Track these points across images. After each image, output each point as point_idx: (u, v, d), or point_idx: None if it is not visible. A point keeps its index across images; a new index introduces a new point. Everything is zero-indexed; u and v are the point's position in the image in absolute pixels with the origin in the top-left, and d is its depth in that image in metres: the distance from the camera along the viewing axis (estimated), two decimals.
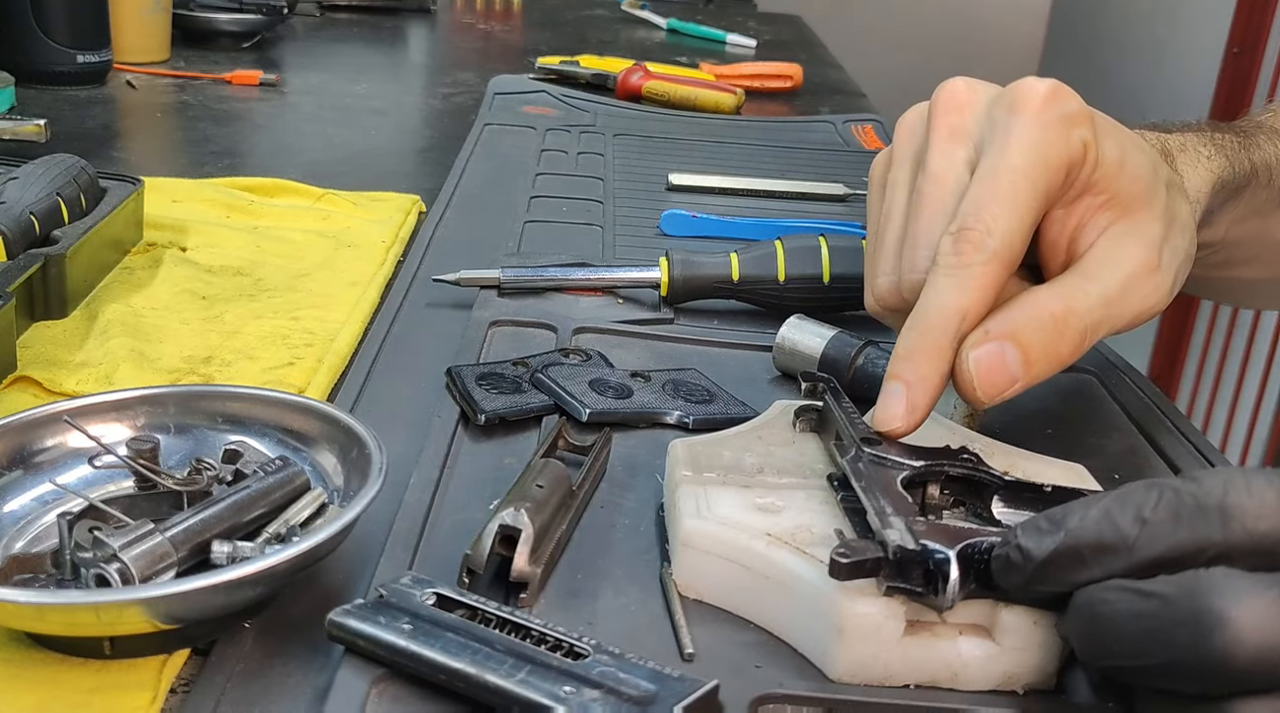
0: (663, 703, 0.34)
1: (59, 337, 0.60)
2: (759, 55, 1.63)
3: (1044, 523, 0.35)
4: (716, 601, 0.41)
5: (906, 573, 0.37)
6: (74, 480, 0.44)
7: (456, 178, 0.91)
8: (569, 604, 0.41)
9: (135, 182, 0.73)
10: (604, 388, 0.55)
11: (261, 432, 0.47)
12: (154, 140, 1.07)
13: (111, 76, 1.18)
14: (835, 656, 0.38)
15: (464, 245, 0.76)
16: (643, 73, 1.28)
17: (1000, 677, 0.38)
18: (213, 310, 0.64)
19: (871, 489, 0.40)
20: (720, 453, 0.46)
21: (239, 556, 0.40)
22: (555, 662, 0.35)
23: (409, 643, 0.36)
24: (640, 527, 0.46)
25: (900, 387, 0.45)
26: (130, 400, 0.47)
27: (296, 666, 0.38)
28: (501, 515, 0.41)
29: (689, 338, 0.65)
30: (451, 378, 0.55)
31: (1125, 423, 0.59)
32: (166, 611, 0.36)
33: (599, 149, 1.04)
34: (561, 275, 0.69)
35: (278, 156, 1.00)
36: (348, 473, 0.44)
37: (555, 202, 0.88)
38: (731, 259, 0.68)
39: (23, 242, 0.62)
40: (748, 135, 1.14)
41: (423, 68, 1.57)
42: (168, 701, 0.37)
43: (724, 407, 0.56)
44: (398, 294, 0.68)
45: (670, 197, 0.91)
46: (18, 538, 0.41)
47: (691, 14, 1.91)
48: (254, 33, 1.41)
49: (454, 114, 1.20)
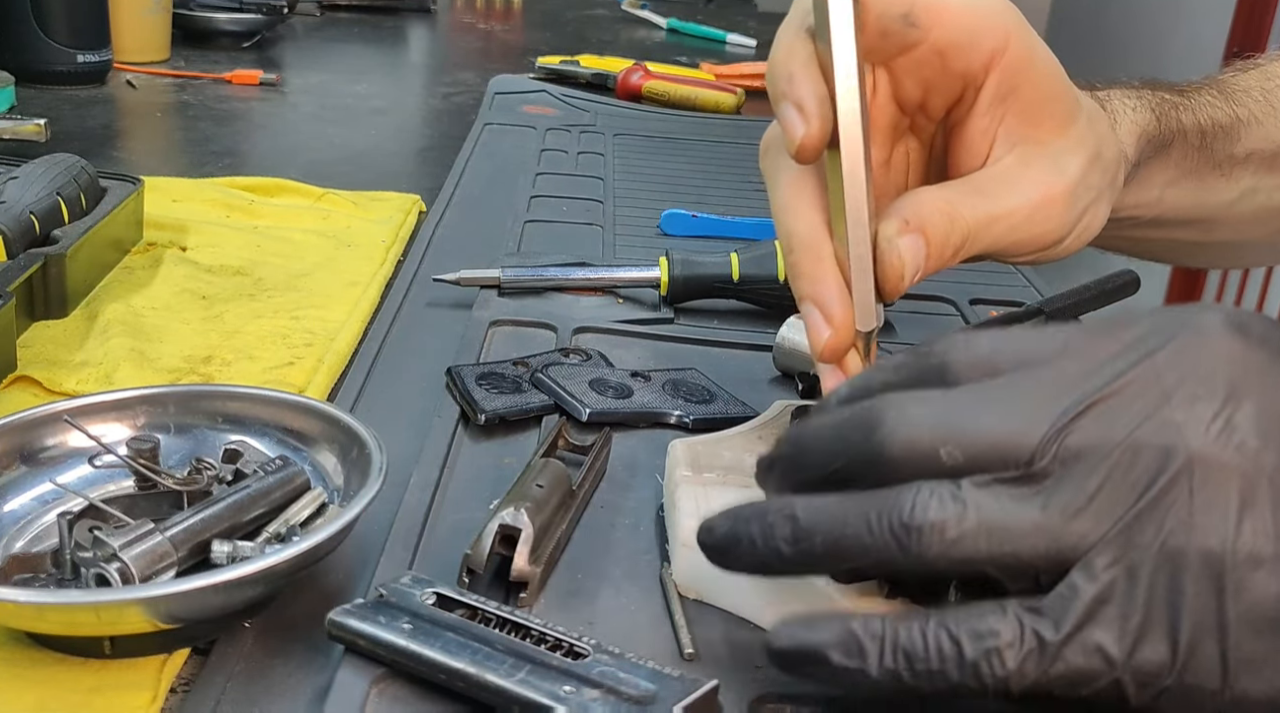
0: (663, 703, 0.34)
1: (59, 336, 0.60)
2: (759, 55, 1.63)
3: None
4: (716, 601, 0.41)
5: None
6: (74, 480, 0.44)
7: (456, 178, 0.91)
8: (569, 604, 0.41)
9: (135, 181, 0.73)
10: (604, 388, 0.55)
11: (261, 431, 0.47)
12: (154, 140, 1.07)
13: (111, 76, 1.18)
14: None
15: (464, 245, 0.76)
16: (643, 73, 1.28)
17: None
18: (213, 310, 0.64)
19: None
20: (720, 453, 0.46)
21: (239, 555, 0.40)
22: (555, 662, 0.35)
23: (409, 643, 0.36)
24: (640, 527, 0.46)
25: (810, 306, 0.43)
26: (130, 400, 0.47)
27: (296, 666, 0.38)
28: (501, 515, 0.41)
29: (689, 338, 0.65)
30: (452, 378, 0.55)
31: None
32: (166, 610, 0.36)
33: (599, 149, 1.04)
34: (561, 275, 0.69)
35: (278, 156, 1.00)
36: (348, 473, 0.44)
37: (555, 201, 0.88)
38: (731, 259, 0.68)
39: (23, 241, 0.62)
40: (748, 135, 1.14)
41: (423, 68, 1.58)
42: (168, 700, 0.37)
43: (724, 406, 0.56)
44: (398, 294, 0.68)
45: (670, 197, 0.91)
46: (18, 538, 0.41)
47: (691, 14, 1.91)
48: (254, 32, 1.41)
49: (454, 114, 1.20)
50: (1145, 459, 0.32)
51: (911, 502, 0.33)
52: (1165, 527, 0.32)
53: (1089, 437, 0.33)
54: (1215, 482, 0.32)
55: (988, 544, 0.33)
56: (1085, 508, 0.32)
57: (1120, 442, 0.32)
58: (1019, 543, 0.33)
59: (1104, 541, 0.32)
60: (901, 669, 0.33)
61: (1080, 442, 0.33)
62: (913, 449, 0.34)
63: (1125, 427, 0.33)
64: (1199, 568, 0.31)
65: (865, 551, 0.34)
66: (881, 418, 0.35)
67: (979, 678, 0.32)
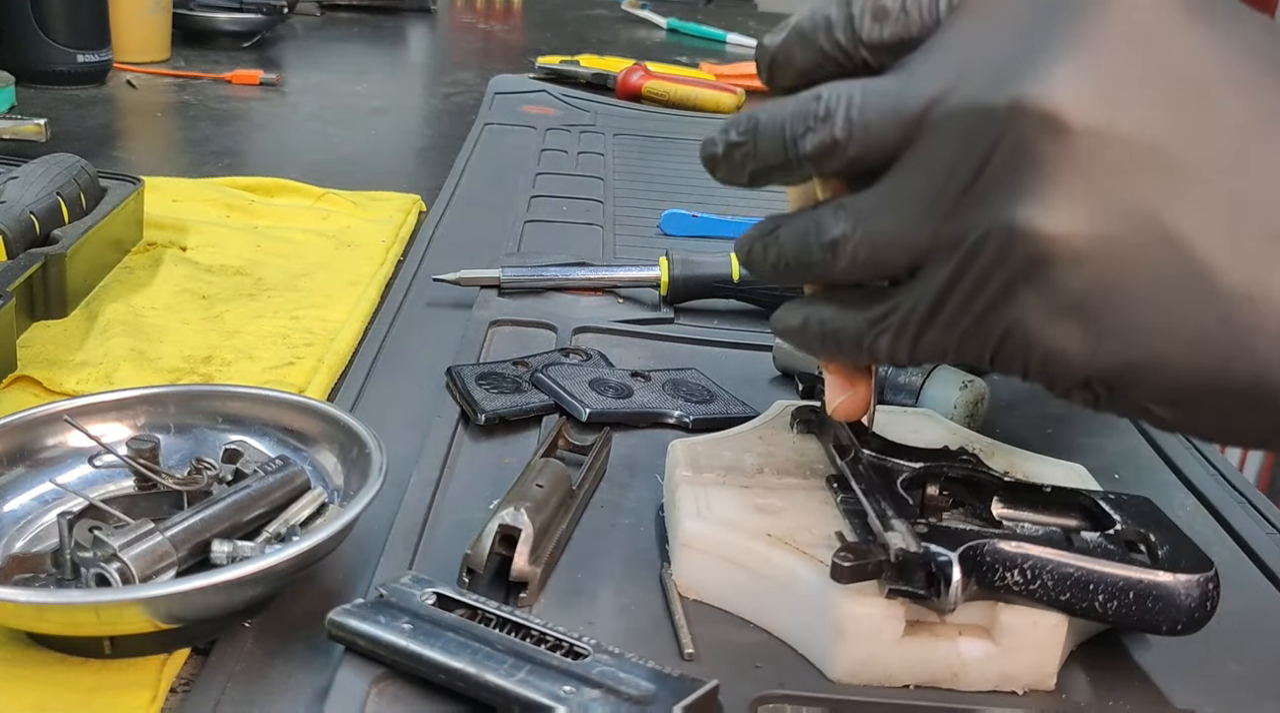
0: (663, 703, 0.34)
1: (59, 336, 0.60)
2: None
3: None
4: (716, 601, 0.41)
5: (909, 576, 0.37)
6: (74, 480, 0.44)
7: (456, 178, 0.91)
8: (569, 604, 0.41)
9: (135, 181, 0.73)
10: (604, 388, 0.55)
11: (261, 431, 0.47)
12: (154, 140, 1.07)
13: (112, 76, 1.18)
14: (835, 656, 0.38)
15: (464, 245, 0.76)
16: (643, 73, 1.28)
17: (999, 677, 0.38)
18: (213, 310, 0.64)
19: (872, 491, 0.40)
20: (720, 453, 0.46)
21: (239, 555, 0.40)
22: (555, 662, 0.35)
23: (409, 643, 0.36)
24: (640, 527, 0.46)
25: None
26: (130, 400, 0.47)
27: (296, 666, 0.38)
28: (501, 515, 0.41)
29: (689, 338, 0.65)
30: (452, 378, 0.55)
31: (1124, 422, 0.59)
32: (166, 610, 0.36)
33: (599, 149, 1.04)
34: (561, 275, 0.69)
35: (278, 156, 1.00)
36: (348, 473, 0.44)
37: (555, 201, 0.88)
38: (731, 259, 0.68)
39: (23, 241, 0.62)
40: None
41: (423, 68, 1.58)
42: (168, 700, 0.37)
43: (724, 406, 0.56)
44: (398, 294, 0.68)
45: (670, 197, 0.91)
46: (18, 538, 0.41)
47: (691, 14, 1.91)
48: (254, 32, 1.41)
49: (454, 114, 1.20)
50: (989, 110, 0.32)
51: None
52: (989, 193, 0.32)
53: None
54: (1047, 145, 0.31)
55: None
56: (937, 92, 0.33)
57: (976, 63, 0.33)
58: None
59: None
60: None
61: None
62: (781, 53, 0.37)
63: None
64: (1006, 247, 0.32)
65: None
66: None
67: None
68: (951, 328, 0.34)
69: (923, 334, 0.35)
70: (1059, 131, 0.31)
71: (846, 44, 0.36)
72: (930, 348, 0.36)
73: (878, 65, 0.36)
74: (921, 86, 0.34)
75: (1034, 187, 0.31)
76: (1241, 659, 0.41)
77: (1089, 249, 0.31)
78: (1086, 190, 0.31)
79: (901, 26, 0.35)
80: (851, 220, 0.35)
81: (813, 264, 0.37)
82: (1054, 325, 0.32)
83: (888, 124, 0.34)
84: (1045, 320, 0.32)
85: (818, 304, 0.39)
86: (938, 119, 0.33)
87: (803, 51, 0.37)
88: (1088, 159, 0.31)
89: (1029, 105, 0.31)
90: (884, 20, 0.35)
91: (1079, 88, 0.31)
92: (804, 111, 0.36)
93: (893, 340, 0.36)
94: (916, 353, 0.36)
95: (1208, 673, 0.40)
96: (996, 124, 0.32)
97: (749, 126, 0.37)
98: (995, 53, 0.33)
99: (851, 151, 0.35)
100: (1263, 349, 0.31)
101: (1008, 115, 0.32)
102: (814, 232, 0.37)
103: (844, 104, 0.35)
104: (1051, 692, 0.38)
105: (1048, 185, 0.31)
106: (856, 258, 0.36)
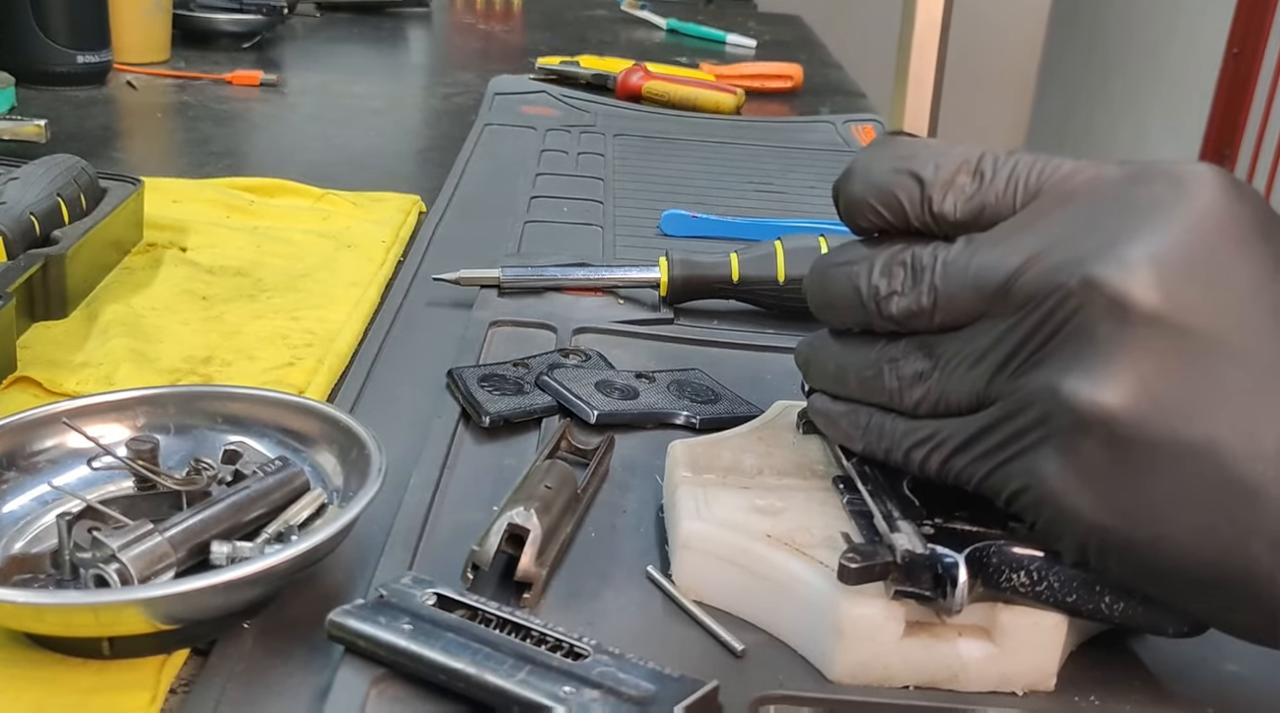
0: (663, 703, 0.34)
1: (59, 337, 0.60)
2: (759, 55, 1.63)
3: None
4: (716, 601, 0.41)
5: (915, 577, 0.37)
6: (73, 481, 0.44)
7: (456, 178, 0.91)
8: (569, 605, 0.41)
9: (135, 182, 0.73)
10: (610, 389, 0.55)
11: (261, 432, 0.47)
12: (154, 140, 1.07)
13: (112, 77, 1.18)
14: (835, 656, 0.38)
15: (464, 245, 0.76)
16: (643, 73, 1.28)
17: (999, 678, 0.38)
18: (213, 310, 0.64)
19: (878, 493, 0.40)
20: (720, 454, 0.46)
21: (238, 556, 0.40)
22: (555, 662, 0.35)
23: (409, 643, 0.36)
24: (640, 527, 0.46)
25: None
26: (130, 401, 0.47)
27: (296, 666, 0.38)
28: (511, 513, 0.41)
29: (689, 338, 0.65)
30: (453, 379, 0.55)
31: None
32: (165, 611, 0.36)
33: (599, 149, 1.04)
34: (561, 275, 0.69)
35: (278, 157, 1.00)
36: (347, 473, 0.44)
37: (555, 202, 0.88)
38: (731, 259, 0.68)
39: (23, 242, 0.62)
40: (748, 135, 1.14)
41: (423, 68, 1.58)
42: (167, 701, 0.37)
43: (730, 406, 0.56)
44: (398, 294, 0.68)
45: (670, 197, 0.91)
46: (17, 538, 0.41)
47: (691, 14, 1.91)
48: (254, 33, 1.41)
49: (454, 114, 1.20)
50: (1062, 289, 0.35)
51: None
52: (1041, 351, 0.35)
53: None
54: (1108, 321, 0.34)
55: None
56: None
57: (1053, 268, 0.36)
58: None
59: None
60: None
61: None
62: (856, 200, 0.42)
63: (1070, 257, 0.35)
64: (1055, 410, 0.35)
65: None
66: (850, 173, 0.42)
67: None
68: (982, 462, 0.37)
69: (953, 460, 0.38)
70: (1121, 314, 0.34)
71: (921, 214, 0.40)
72: (957, 474, 0.38)
73: (942, 235, 0.39)
74: (1008, 262, 0.37)
75: (1088, 361, 0.34)
76: (1241, 659, 0.41)
77: (1123, 427, 0.33)
78: (1133, 372, 0.33)
79: (976, 205, 0.39)
80: (932, 361, 0.39)
81: (881, 390, 0.41)
82: (1071, 488, 0.34)
83: (969, 295, 0.38)
84: (1065, 482, 0.35)
85: (862, 406, 0.42)
86: (1019, 289, 0.36)
87: (876, 211, 0.41)
88: (1140, 344, 0.34)
89: (1099, 284, 0.34)
90: (959, 198, 0.39)
91: (1145, 278, 0.34)
92: (890, 273, 0.40)
93: (925, 457, 0.39)
94: (943, 474, 0.39)
95: (1208, 673, 0.40)
96: (1072, 300, 0.35)
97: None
98: (1076, 237, 0.36)
99: (938, 318, 0.39)
100: (1255, 550, 0.33)
101: (1081, 291, 0.34)
102: (888, 363, 0.40)
103: (929, 273, 0.39)
104: (1051, 692, 0.38)
105: (1100, 362, 0.34)
106: (928, 396, 0.39)
